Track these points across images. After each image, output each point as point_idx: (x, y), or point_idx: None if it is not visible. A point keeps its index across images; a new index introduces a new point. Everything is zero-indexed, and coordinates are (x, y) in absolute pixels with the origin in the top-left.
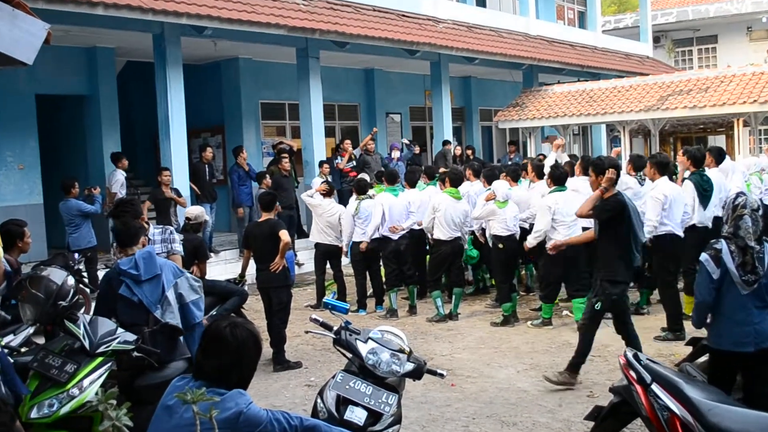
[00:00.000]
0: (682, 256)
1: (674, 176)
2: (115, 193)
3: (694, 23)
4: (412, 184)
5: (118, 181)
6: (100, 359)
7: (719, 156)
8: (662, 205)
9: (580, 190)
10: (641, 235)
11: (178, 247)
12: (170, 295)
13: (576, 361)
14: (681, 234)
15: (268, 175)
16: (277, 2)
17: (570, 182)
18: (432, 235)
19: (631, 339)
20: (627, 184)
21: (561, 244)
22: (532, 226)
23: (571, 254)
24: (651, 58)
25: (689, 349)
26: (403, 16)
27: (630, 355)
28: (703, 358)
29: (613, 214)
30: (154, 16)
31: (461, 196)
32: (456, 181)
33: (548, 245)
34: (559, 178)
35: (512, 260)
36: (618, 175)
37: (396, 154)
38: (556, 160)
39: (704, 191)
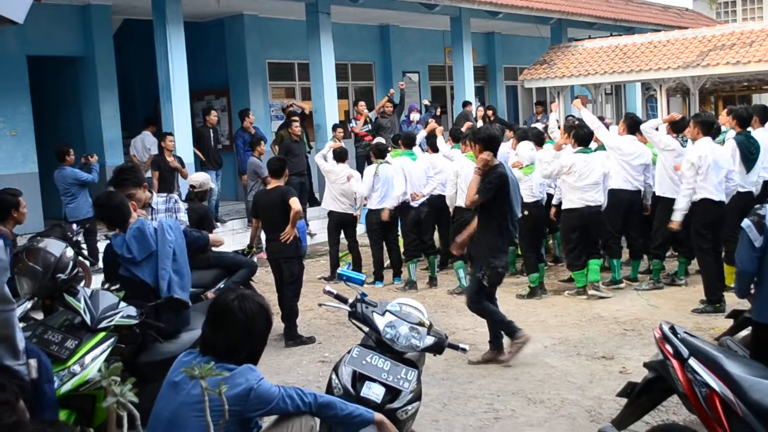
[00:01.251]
0: (722, 223)
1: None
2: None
3: None
4: (436, 149)
5: (154, 143)
6: (102, 335)
7: (764, 115)
8: (697, 169)
9: (624, 149)
10: (517, 210)
11: (183, 216)
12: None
13: (494, 339)
14: (720, 199)
15: (263, 142)
16: None
17: (616, 141)
18: (454, 203)
19: (487, 313)
20: (669, 145)
21: (460, 242)
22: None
23: (586, 217)
24: (690, 11)
25: (730, 322)
26: None
27: (666, 328)
28: (745, 332)
29: (497, 190)
30: None
31: None
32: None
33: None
34: (583, 138)
35: (539, 228)
36: (494, 156)
37: (415, 116)
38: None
39: (750, 154)
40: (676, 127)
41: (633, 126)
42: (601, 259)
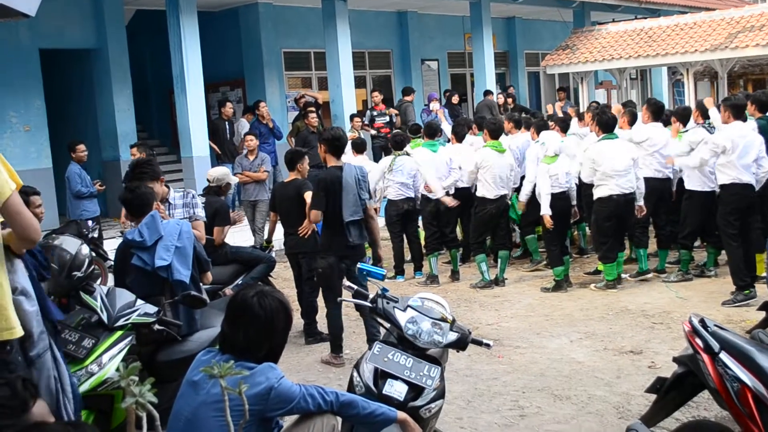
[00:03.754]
0: (751, 209)
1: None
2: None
3: None
4: (460, 138)
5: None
6: (119, 333)
7: None
8: (723, 150)
9: (653, 138)
10: (345, 214)
11: (201, 212)
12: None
13: (333, 341)
14: (749, 182)
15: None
16: None
17: (641, 130)
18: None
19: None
20: (698, 135)
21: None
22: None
23: (622, 205)
24: None
25: (762, 314)
26: None
27: (696, 321)
28: None
29: (326, 190)
30: None
31: (504, 149)
32: (496, 132)
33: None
34: (607, 124)
35: (564, 220)
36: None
37: (435, 105)
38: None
39: None
40: (702, 113)
41: (657, 112)
42: (624, 250)
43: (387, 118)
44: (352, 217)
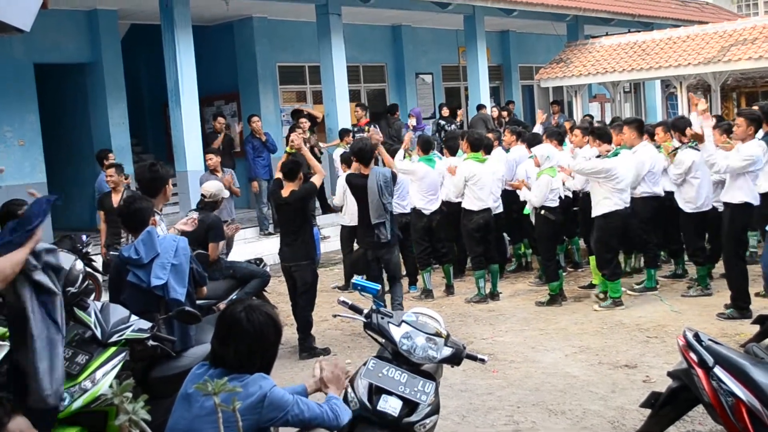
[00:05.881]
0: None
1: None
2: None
3: None
4: (453, 152)
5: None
6: (113, 349)
7: None
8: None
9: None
10: (372, 217)
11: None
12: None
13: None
14: (756, 202)
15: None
16: None
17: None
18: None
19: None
20: (690, 156)
21: None
22: (576, 194)
23: (627, 219)
24: (711, 4)
25: (756, 328)
26: None
27: (690, 335)
28: None
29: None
30: None
31: (485, 159)
32: (476, 145)
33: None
34: (608, 137)
35: (559, 234)
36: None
37: (411, 121)
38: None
39: None
40: (680, 130)
41: (641, 129)
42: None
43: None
44: (378, 220)
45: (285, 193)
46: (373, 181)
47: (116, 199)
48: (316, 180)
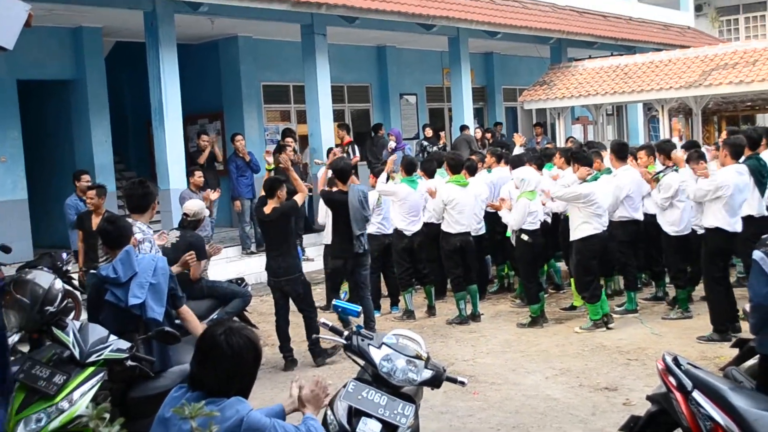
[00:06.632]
0: (734, 251)
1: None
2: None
3: None
4: (430, 174)
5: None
6: (91, 369)
7: (767, 138)
8: (717, 196)
9: (625, 184)
10: (355, 229)
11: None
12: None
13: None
14: (734, 230)
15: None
16: None
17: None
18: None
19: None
20: (674, 180)
21: None
22: (556, 217)
23: (605, 241)
24: (692, 29)
25: (736, 351)
26: None
27: (669, 359)
28: (751, 361)
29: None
30: None
31: (467, 183)
32: (456, 167)
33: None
34: (588, 162)
35: (539, 256)
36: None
37: (391, 144)
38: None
39: (761, 177)
40: (666, 153)
41: (620, 152)
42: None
43: (345, 155)
44: (360, 231)
45: (267, 210)
46: (354, 197)
47: (96, 221)
48: (298, 198)
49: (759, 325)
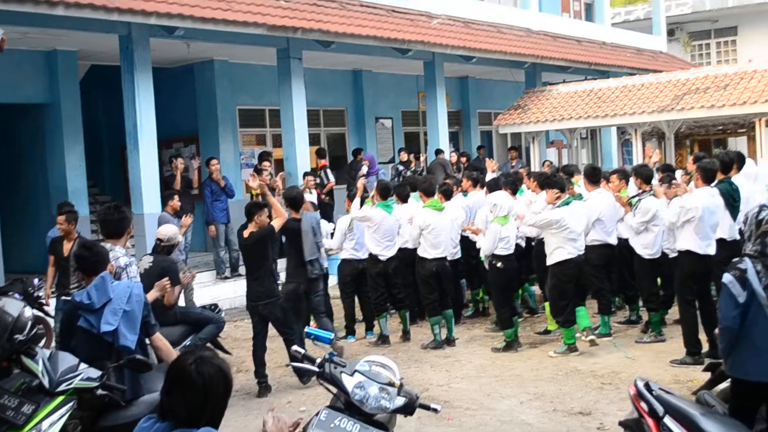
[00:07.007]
0: (708, 275)
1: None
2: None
3: (711, 14)
4: (404, 199)
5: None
6: (60, 398)
7: (738, 162)
8: (687, 219)
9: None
10: (306, 254)
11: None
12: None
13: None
14: (706, 253)
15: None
16: None
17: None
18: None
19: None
20: (652, 205)
21: None
22: (530, 241)
23: (580, 266)
24: (665, 54)
25: (708, 374)
26: (393, 11)
27: (641, 384)
28: (723, 385)
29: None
30: (119, 15)
31: (443, 207)
32: (429, 191)
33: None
34: (561, 187)
35: (512, 281)
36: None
37: (364, 169)
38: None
39: (733, 200)
40: (644, 177)
41: (593, 176)
42: (584, 305)
43: (318, 180)
44: (312, 257)
45: (246, 234)
46: (307, 224)
47: (68, 246)
48: (275, 223)
49: (728, 349)
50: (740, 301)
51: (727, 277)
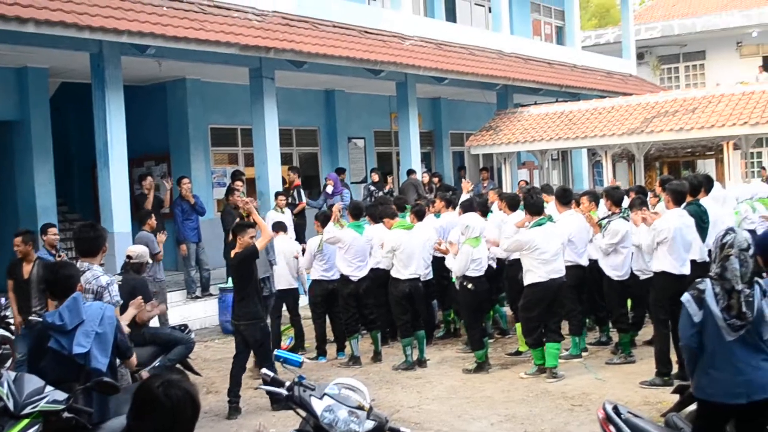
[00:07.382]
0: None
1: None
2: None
3: (680, 38)
4: (376, 219)
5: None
6: (25, 421)
7: (706, 185)
8: (660, 241)
9: (572, 230)
10: (260, 272)
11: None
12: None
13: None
14: (681, 273)
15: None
16: (228, 18)
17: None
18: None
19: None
20: (621, 226)
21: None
22: (501, 263)
23: (554, 290)
24: (634, 77)
25: (677, 397)
26: (366, 32)
27: (609, 408)
28: (692, 407)
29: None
30: (91, 33)
31: (412, 226)
32: (399, 208)
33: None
34: (537, 208)
35: (483, 303)
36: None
37: (329, 188)
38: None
39: (702, 222)
40: (614, 200)
41: (564, 197)
42: (560, 342)
43: (290, 199)
44: (265, 275)
45: (232, 254)
46: None
47: (27, 269)
48: (258, 243)
49: (691, 367)
50: (695, 320)
51: (685, 297)
